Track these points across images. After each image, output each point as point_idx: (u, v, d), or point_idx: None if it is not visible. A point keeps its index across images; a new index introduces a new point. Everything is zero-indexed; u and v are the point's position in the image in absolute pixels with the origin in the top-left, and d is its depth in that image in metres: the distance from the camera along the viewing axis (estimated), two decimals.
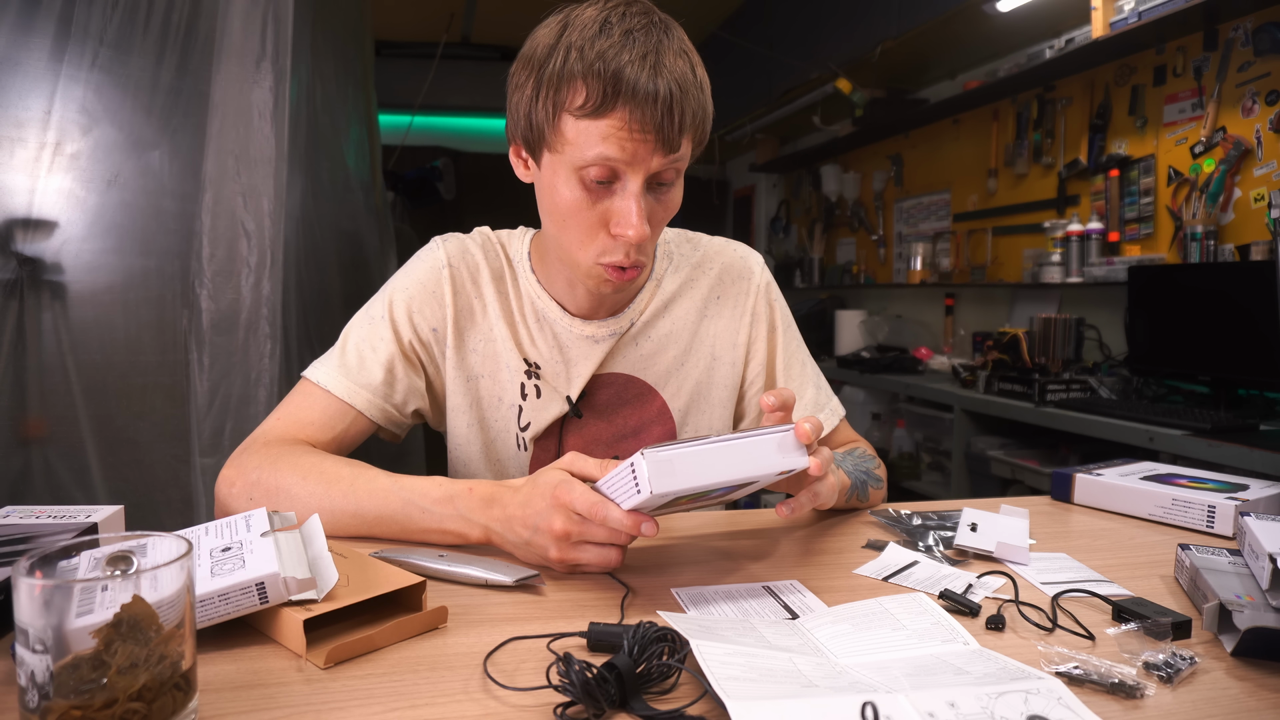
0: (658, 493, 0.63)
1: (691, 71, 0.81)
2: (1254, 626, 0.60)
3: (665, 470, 0.63)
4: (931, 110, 3.59)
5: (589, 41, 0.79)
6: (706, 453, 0.65)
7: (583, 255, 0.87)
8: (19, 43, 1.51)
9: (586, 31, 0.79)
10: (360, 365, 0.95)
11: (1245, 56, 2.35)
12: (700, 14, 4.86)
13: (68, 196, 1.57)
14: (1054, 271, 2.89)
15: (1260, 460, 1.73)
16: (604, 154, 0.79)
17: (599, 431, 1.02)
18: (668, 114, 0.78)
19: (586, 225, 0.85)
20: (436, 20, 4.32)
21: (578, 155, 0.81)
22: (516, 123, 0.87)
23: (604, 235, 0.85)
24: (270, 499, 0.82)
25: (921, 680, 0.52)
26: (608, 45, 0.78)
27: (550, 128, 0.82)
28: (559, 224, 0.87)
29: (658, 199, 0.85)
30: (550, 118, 0.81)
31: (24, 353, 1.55)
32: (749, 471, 0.67)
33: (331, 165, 2.25)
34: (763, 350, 1.07)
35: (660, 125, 0.78)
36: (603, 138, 0.79)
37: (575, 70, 0.78)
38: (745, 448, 0.67)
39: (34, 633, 0.43)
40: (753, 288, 1.07)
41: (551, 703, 0.52)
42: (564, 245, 0.89)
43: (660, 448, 0.64)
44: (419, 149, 4.57)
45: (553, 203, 0.86)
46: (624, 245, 0.84)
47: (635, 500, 0.66)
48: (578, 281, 0.94)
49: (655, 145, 0.80)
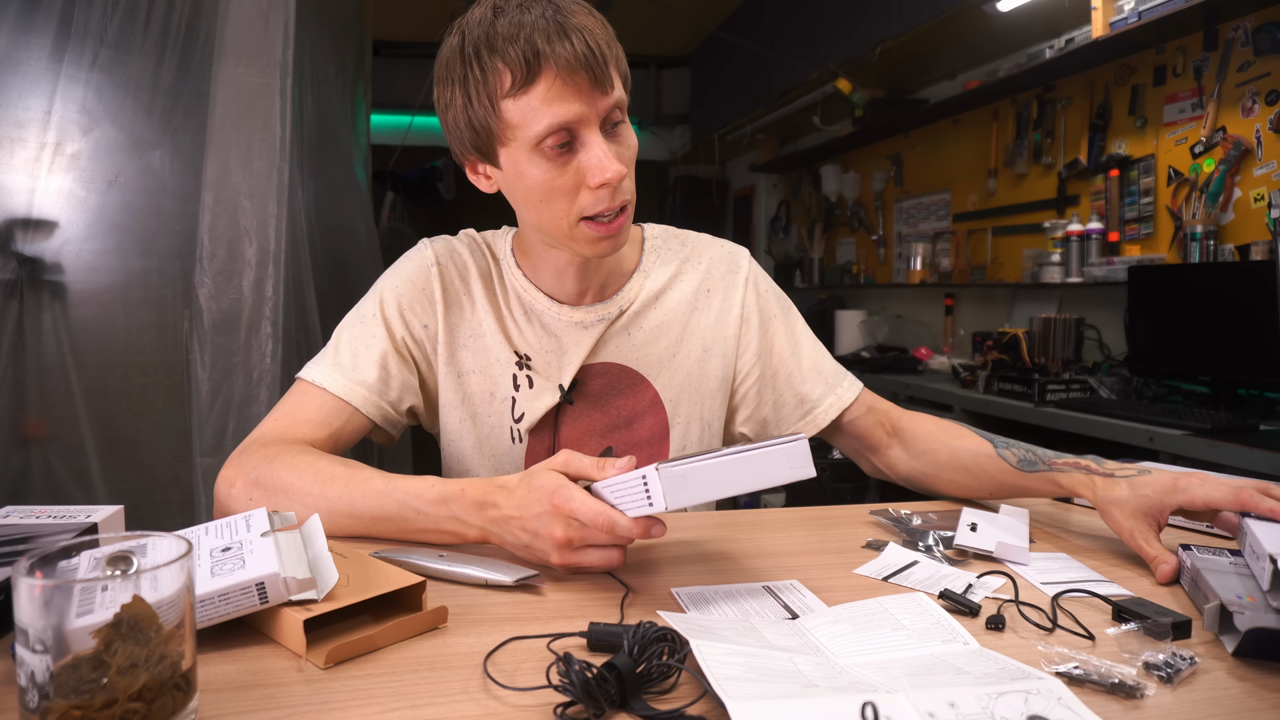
0: (672, 508, 0.64)
1: (590, 14, 0.86)
2: (1255, 627, 0.60)
3: (679, 485, 0.64)
4: (931, 110, 3.59)
5: (489, 28, 0.82)
6: (719, 466, 0.66)
7: (568, 222, 0.88)
8: (19, 43, 1.51)
9: (483, 23, 0.83)
10: (354, 363, 0.95)
11: (1245, 56, 2.35)
12: (700, 14, 4.86)
13: (68, 197, 1.57)
14: (1054, 271, 2.89)
15: (1260, 460, 1.73)
16: (553, 121, 0.82)
17: (593, 421, 1.02)
18: (590, 56, 0.81)
19: (564, 192, 0.86)
20: (436, 20, 4.31)
21: (529, 132, 0.83)
22: (461, 138, 0.89)
23: (584, 193, 0.87)
24: (269, 499, 0.82)
25: (921, 680, 0.52)
26: (507, 25, 0.82)
27: (495, 120, 0.84)
28: (537, 207, 0.89)
29: (615, 140, 0.88)
30: (491, 111, 0.84)
31: (24, 353, 1.55)
32: (759, 482, 0.68)
33: (332, 165, 2.25)
34: (754, 343, 1.08)
35: (588, 67, 0.81)
36: (544, 103, 0.82)
37: (490, 58, 0.82)
38: (756, 459, 0.67)
39: (34, 633, 0.43)
40: (740, 280, 1.08)
41: (551, 703, 0.52)
42: (548, 224, 0.90)
43: (673, 463, 0.65)
44: (419, 149, 4.56)
45: (525, 190, 0.88)
46: (607, 191, 0.86)
47: (645, 513, 0.67)
48: (571, 256, 0.95)
49: (591, 89, 0.82)
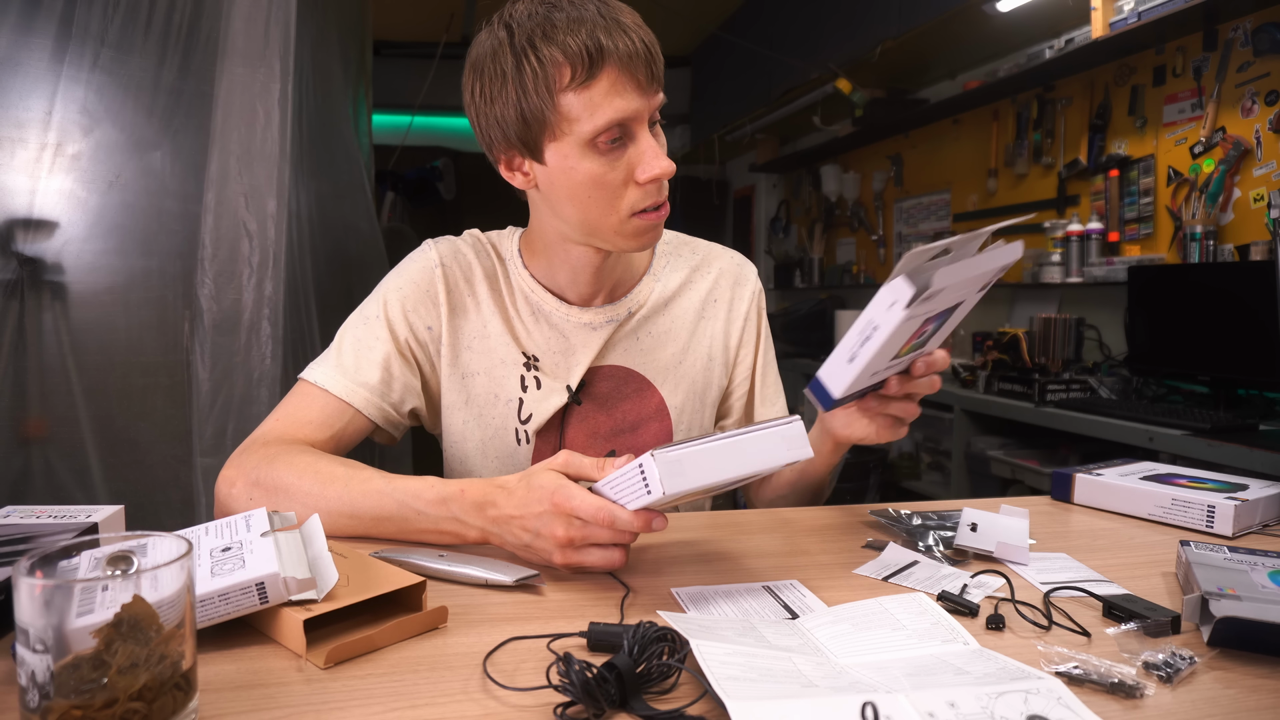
0: (670, 494, 0.64)
1: (633, 12, 0.87)
2: (1227, 616, 0.60)
3: (675, 471, 0.64)
4: (931, 110, 3.59)
5: (545, 24, 0.82)
6: (715, 450, 0.65)
7: (615, 218, 0.89)
8: (20, 43, 1.51)
9: (535, 19, 0.83)
10: (357, 364, 0.95)
11: (1245, 57, 2.35)
12: (700, 14, 4.86)
13: (69, 197, 1.57)
14: (1054, 271, 2.89)
15: (1260, 460, 1.73)
16: (614, 115, 0.83)
17: (599, 423, 1.02)
18: (647, 52, 0.84)
19: (612, 187, 0.87)
20: (436, 20, 4.32)
21: (588, 126, 0.83)
22: (505, 131, 0.87)
23: (631, 189, 0.87)
24: (269, 499, 0.83)
25: (921, 680, 0.52)
26: (564, 19, 0.82)
27: (552, 113, 0.84)
28: (583, 203, 0.89)
29: (657, 139, 0.89)
30: (549, 104, 0.83)
31: (24, 353, 1.55)
32: (756, 466, 0.67)
33: (334, 165, 2.25)
34: (749, 358, 1.10)
35: (647, 63, 0.83)
36: (606, 98, 0.82)
37: (550, 52, 0.82)
38: (753, 443, 0.67)
39: (34, 633, 0.43)
40: (747, 294, 1.10)
41: (551, 703, 0.52)
42: (595, 217, 0.90)
43: (668, 448, 0.65)
44: (419, 149, 4.56)
45: (571, 185, 0.88)
46: (655, 186, 0.88)
47: (644, 502, 0.66)
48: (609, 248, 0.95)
49: (646, 87, 0.84)
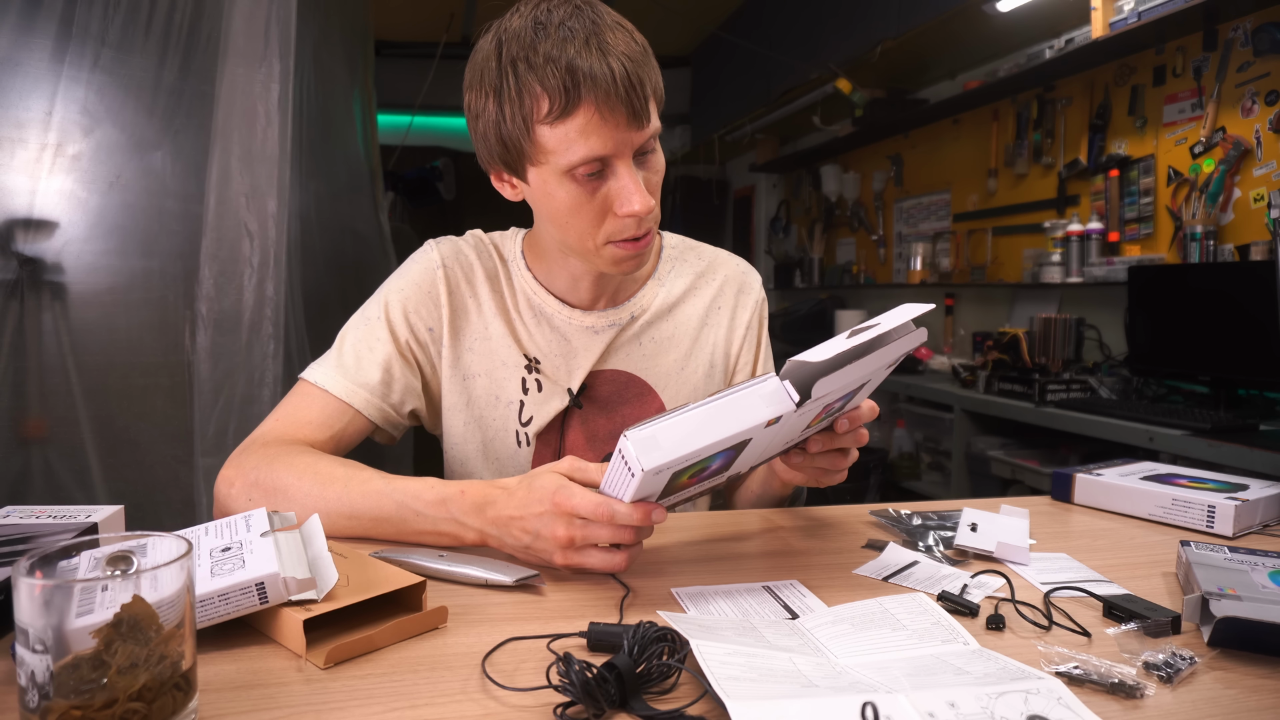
0: (649, 469, 0.62)
1: (632, 39, 0.82)
2: (1228, 616, 0.60)
3: (650, 445, 0.62)
4: (931, 110, 3.59)
5: (530, 49, 0.79)
6: (690, 419, 0.63)
7: (592, 243, 0.88)
8: (20, 43, 1.51)
9: (523, 40, 0.80)
10: (357, 365, 0.95)
11: (1245, 57, 2.35)
12: (700, 14, 4.86)
13: (69, 197, 1.57)
14: (1054, 271, 2.89)
15: (1260, 460, 1.73)
16: (588, 153, 0.81)
17: (599, 427, 1.02)
18: (630, 90, 0.79)
19: (590, 216, 0.86)
20: (436, 20, 4.31)
21: (562, 160, 0.82)
22: (490, 148, 0.87)
23: (610, 218, 0.86)
24: (269, 499, 0.82)
25: (921, 680, 0.52)
26: (550, 46, 0.78)
27: (527, 142, 0.82)
28: (562, 225, 0.88)
29: (646, 168, 0.87)
30: (525, 133, 0.82)
31: (24, 353, 1.55)
32: (736, 427, 0.64)
33: (335, 165, 2.26)
34: (749, 367, 1.10)
35: (628, 102, 0.79)
36: (581, 135, 0.80)
37: (529, 82, 0.79)
38: (728, 406, 0.64)
39: (34, 633, 0.43)
40: (751, 302, 1.10)
41: (551, 703, 0.52)
42: (571, 241, 0.90)
43: (641, 425, 0.63)
44: (419, 149, 4.56)
45: (551, 208, 0.87)
46: (634, 221, 0.86)
47: (632, 485, 0.65)
48: (591, 269, 0.95)
49: (629, 124, 0.81)
